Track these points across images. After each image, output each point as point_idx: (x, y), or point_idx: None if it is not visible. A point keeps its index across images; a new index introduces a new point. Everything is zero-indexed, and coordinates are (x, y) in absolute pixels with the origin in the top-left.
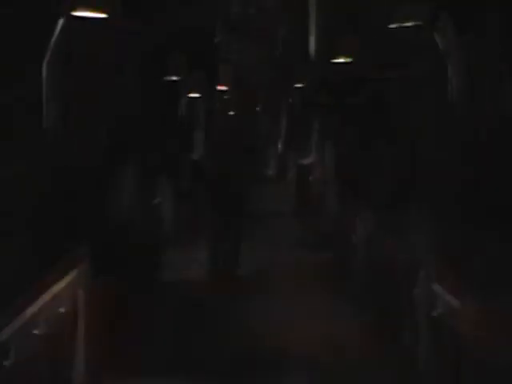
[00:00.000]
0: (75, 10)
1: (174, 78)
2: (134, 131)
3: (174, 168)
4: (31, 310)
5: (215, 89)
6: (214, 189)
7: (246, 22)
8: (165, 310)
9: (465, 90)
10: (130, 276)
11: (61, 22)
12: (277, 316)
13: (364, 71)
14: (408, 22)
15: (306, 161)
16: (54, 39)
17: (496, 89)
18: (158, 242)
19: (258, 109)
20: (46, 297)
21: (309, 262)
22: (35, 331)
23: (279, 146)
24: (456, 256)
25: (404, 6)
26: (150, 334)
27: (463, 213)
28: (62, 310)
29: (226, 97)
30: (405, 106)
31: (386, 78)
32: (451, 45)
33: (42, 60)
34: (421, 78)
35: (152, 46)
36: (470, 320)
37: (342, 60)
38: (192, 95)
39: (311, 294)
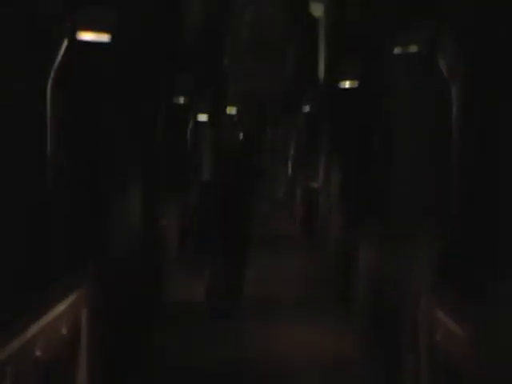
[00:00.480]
0: (78, 33)
1: (182, 101)
2: (140, 154)
3: (181, 190)
4: (32, 330)
5: (224, 111)
6: (220, 211)
7: (256, 46)
8: (164, 332)
9: (466, 116)
10: (132, 298)
11: (64, 45)
12: (277, 343)
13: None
14: (411, 47)
15: (315, 184)
16: (57, 62)
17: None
18: (160, 264)
19: (267, 131)
20: (47, 317)
21: (312, 287)
22: (36, 352)
23: (288, 169)
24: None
25: (407, 31)
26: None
27: (465, 236)
28: (64, 330)
29: (235, 119)
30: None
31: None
32: (454, 70)
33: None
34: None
35: (159, 67)
36: (469, 346)
37: (347, 85)
38: (200, 118)
39: (314, 320)
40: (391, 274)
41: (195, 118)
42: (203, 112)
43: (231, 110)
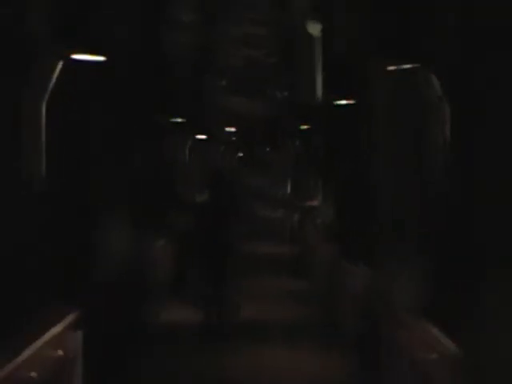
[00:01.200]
0: (74, 52)
1: (180, 120)
2: (132, 174)
3: (175, 212)
4: (27, 352)
5: (222, 130)
6: (213, 231)
7: (251, 66)
8: (154, 358)
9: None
10: (121, 323)
11: (60, 64)
12: (264, 364)
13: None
14: (406, 63)
15: (312, 203)
16: (53, 81)
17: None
18: (148, 289)
19: (267, 150)
20: (43, 339)
21: (301, 308)
22: (31, 373)
23: (287, 188)
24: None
25: (402, 49)
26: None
27: (458, 253)
28: (59, 352)
29: (233, 138)
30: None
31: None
32: (447, 87)
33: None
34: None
35: (156, 87)
36: (455, 364)
37: (344, 102)
38: (199, 136)
39: (300, 344)
40: (379, 293)
41: (191, 138)
42: (199, 133)
43: (230, 129)
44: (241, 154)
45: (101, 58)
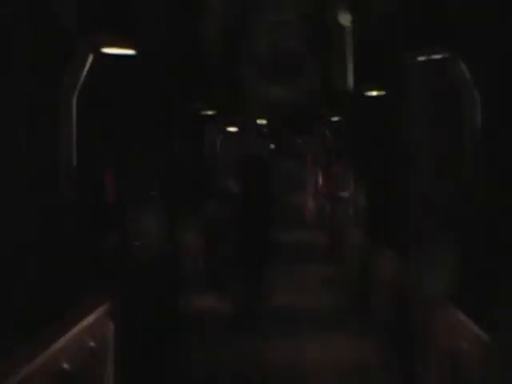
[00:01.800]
0: (104, 46)
1: (211, 113)
2: (162, 166)
3: (206, 201)
4: (60, 343)
5: (254, 122)
6: (246, 221)
7: (281, 56)
8: (186, 347)
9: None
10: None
11: (90, 58)
12: (292, 353)
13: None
14: (437, 54)
15: (344, 193)
16: (83, 76)
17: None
18: (182, 277)
19: (299, 141)
20: (75, 329)
21: (332, 297)
22: (63, 364)
23: (319, 178)
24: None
25: (432, 38)
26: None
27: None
28: (91, 343)
29: (265, 130)
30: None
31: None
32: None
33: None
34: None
35: (187, 80)
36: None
37: (375, 93)
38: (230, 129)
39: (332, 330)
40: (412, 281)
41: (223, 129)
42: (231, 124)
43: (261, 122)
44: (272, 145)
45: (130, 52)
